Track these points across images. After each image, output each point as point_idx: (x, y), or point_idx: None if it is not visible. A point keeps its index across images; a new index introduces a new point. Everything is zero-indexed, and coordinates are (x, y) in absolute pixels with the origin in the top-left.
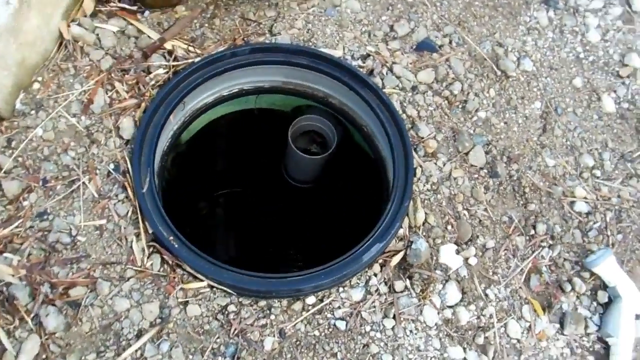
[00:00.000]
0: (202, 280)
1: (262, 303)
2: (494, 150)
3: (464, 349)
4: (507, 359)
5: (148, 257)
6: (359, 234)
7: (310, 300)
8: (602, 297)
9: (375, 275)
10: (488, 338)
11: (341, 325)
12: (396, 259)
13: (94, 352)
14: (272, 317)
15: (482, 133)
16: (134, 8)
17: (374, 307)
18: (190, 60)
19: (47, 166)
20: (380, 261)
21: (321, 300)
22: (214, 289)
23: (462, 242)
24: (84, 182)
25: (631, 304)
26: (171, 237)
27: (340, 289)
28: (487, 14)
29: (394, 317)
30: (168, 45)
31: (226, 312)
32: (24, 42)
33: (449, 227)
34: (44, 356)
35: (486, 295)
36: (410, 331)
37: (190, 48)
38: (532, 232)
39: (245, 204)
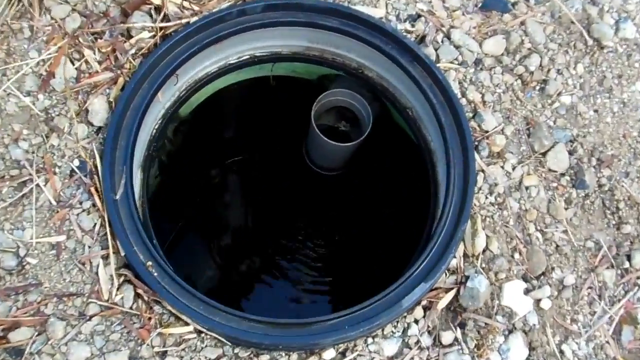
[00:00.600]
0: (187, 324)
1: (265, 358)
2: (580, 150)
3: None
4: None
5: (118, 289)
6: (394, 244)
7: (329, 354)
8: None
9: (417, 322)
10: None
11: None
12: (445, 300)
13: None
14: None
15: (566, 125)
16: None
17: None
18: (184, 21)
19: None
20: (425, 302)
21: (343, 355)
22: (203, 335)
23: (532, 276)
24: (38, 185)
25: None
26: (149, 263)
27: (369, 340)
28: None
29: None
30: (156, 0)
31: None
32: None
33: (517, 256)
34: None
35: (561, 352)
36: None
37: (185, 3)
38: (626, 264)
39: (256, 194)
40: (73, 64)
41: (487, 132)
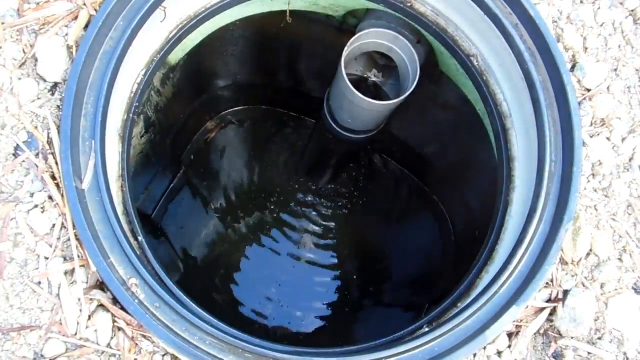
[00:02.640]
0: None
1: None
2: None
3: None
4: None
5: (89, 319)
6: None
7: None
8: None
9: (499, 353)
10: None
11: None
12: (536, 324)
13: None
14: None
15: None
16: None
17: None
18: None
19: None
20: (510, 327)
21: None
22: None
23: None
24: None
25: None
26: (133, 280)
27: None
28: None
29: None
30: None
31: None
32: None
33: (626, 259)
34: None
35: None
36: None
37: None
38: None
39: (264, 159)
40: None
41: (588, 90)
